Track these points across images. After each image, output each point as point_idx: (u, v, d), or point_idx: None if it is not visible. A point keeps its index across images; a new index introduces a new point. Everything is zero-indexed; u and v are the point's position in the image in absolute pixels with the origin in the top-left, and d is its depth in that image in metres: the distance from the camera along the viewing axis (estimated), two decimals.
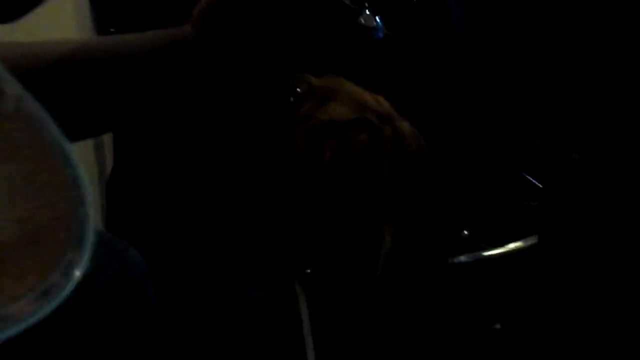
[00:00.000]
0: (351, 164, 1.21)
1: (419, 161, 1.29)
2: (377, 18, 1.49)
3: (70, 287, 0.47)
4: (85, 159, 1.71)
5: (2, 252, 0.43)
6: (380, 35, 1.51)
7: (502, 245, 1.72)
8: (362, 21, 1.46)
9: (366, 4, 1.51)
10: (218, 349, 1.27)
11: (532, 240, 1.63)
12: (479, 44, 1.65)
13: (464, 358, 1.63)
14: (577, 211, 1.35)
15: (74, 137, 0.58)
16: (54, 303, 0.45)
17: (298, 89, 1.25)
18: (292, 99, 1.23)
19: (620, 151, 1.30)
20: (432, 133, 1.72)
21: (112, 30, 1.68)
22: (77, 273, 0.46)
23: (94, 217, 0.47)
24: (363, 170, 1.22)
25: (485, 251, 1.73)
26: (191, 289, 1.28)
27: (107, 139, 1.79)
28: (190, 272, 1.28)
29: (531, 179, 1.66)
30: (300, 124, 1.24)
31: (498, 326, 1.65)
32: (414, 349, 1.60)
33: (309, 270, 1.34)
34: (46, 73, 0.75)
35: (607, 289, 1.30)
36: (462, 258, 1.72)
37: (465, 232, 1.77)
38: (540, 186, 1.59)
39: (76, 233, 0.46)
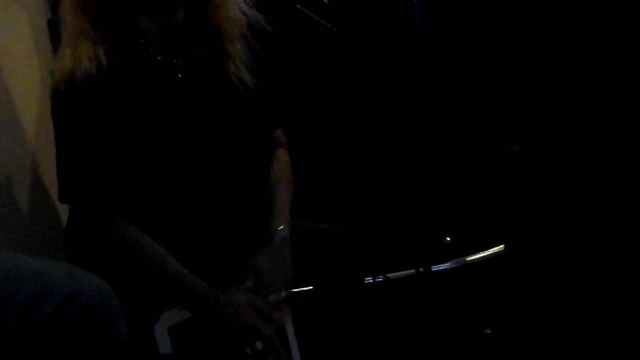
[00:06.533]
0: None
1: None
2: None
3: None
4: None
5: None
6: None
7: (485, 249, 1.70)
8: None
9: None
10: None
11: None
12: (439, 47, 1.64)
13: None
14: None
15: None
16: None
17: None
18: None
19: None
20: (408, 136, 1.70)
21: None
22: None
23: None
24: None
25: (468, 256, 1.71)
26: None
27: None
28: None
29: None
30: None
31: (488, 331, 1.62)
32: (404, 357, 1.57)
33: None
34: None
35: (588, 285, 1.29)
36: (446, 265, 1.70)
37: (448, 239, 1.75)
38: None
39: None
